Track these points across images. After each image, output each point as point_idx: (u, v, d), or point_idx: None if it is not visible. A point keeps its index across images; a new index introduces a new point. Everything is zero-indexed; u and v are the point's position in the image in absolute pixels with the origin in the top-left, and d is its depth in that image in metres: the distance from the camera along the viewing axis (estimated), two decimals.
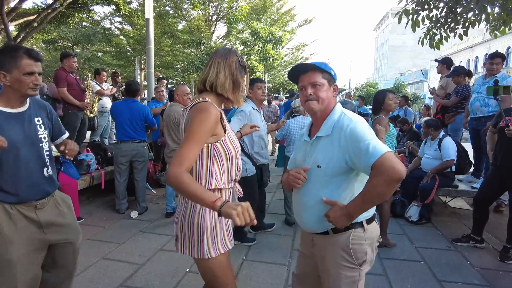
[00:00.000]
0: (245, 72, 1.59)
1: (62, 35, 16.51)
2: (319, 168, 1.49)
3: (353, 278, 1.49)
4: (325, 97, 1.52)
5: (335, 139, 1.46)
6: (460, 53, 34.22)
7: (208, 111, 1.41)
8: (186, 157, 1.35)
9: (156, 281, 2.72)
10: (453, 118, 4.88)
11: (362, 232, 1.49)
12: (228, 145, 1.52)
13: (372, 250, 1.53)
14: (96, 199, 4.78)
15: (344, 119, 1.48)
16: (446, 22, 5.44)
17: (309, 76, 1.53)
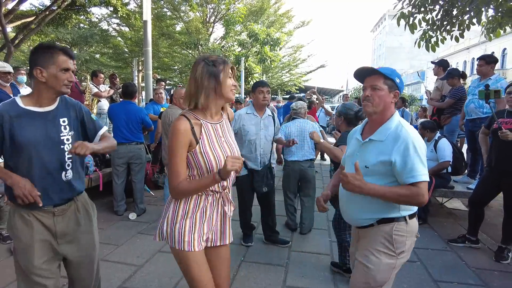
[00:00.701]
0: (222, 69, 1.54)
1: (60, 37, 16.49)
2: (366, 168, 1.61)
3: (391, 265, 1.63)
4: (381, 101, 1.62)
5: (388, 146, 1.58)
6: (457, 55, 34.44)
7: (175, 127, 1.50)
8: (176, 173, 1.51)
9: (154, 283, 2.73)
10: (448, 119, 4.93)
11: (405, 225, 1.63)
12: (198, 156, 1.53)
13: (411, 243, 1.66)
14: (94, 201, 4.74)
15: (402, 131, 1.58)
16: (442, 25, 5.49)
17: (372, 79, 1.64)
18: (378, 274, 1.63)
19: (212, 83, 1.52)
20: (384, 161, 1.57)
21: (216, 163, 1.55)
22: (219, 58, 1.57)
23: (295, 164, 3.85)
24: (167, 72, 23.59)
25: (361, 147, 1.70)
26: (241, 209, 3.51)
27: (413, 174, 1.50)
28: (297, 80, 26.96)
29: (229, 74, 1.57)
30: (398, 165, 1.53)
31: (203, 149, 1.53)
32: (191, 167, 1.56)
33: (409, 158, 1.51)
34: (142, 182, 4.45)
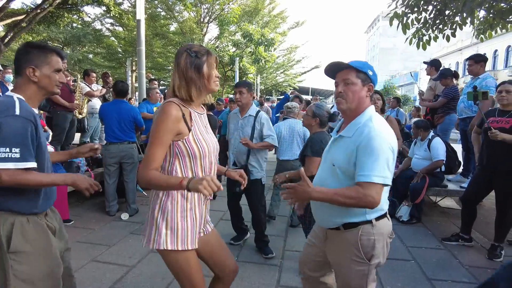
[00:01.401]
0: (205, 60, 1.51)
1: (52, 36, 16.30)
2: (333, 166, 1.54)
3: (362, 272, 1.55)
4: (355, 96, 1.53)
5: (353, 142, 1.48)
6: (449, 56, 34.85)
7: (167, 112, 1.44)
8: (152, 158, 1.44)
9: (147, 283, 2.69)
10: (442, 118, 4.95)
11: (371, 228, 1.53)
12: (192, 144, 1.50)
13: (383, 245, 1.57)
14: (85, 201, 4.71)
15: (367, 126, 1.48)
16: (435, 23, 5.53)
17: (343, 74, 1.56)
18: (352, 282, 1.57)
19: (196, 75, 1.50)
20: (348, 159, 1.48)
21: (208, 150, 1.55)
22: (202, 48, 1.53)
23: (286, 163, 3.93)
24: (161, 72, 23.47)
25: (332, 144, 1.62)
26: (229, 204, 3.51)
27: (365, 173, 1.39)
28: (291, 80, 27.03)
29: (213, 65, 1.55)
30: (356, 161, 1.45)
31: (195, 137, 1.51)
32: (182, 155, 1.51)
33: (366, 155, 1.41)
34: (134, 182, 4.39)
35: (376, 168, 1.39)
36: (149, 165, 1.43)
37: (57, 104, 4.68)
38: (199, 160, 1.53)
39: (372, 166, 1.39)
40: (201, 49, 1.53)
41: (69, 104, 4.73)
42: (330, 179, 1.57)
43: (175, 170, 1.52)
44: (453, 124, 4.90)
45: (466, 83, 4.68)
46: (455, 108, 4.73)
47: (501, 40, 24.74)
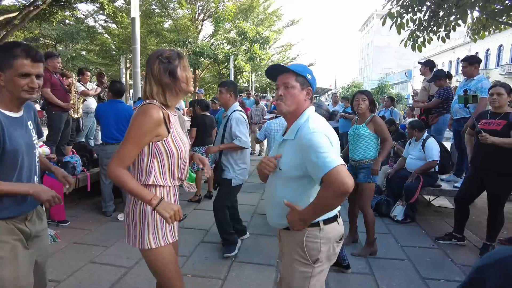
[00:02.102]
0: (178, 64, 1.56)
1: (44, 33, 16.12)
2: (280, 170, 1.57)
3: (305, 274, 1.55)
4: (294, 99, 1.57)
5: (296, 145, 1.51)
6: (442, 55, 35.16)
7: (148, 114, 1.48)
8: (125, 155, 1.48)
9: (145, 285, 2.70)
10: (436, 119, 5.01)
11: (317, 231, 1.53)
12: (171, 145, 1.56)
13: (329, 249, 1.56)
14: (82, 202, 4.70)
15: (305, 126, 1.51)
16: (429, 25, 5.59)
17: (284, 77, 1.59)
18: (293, 282, 1.58)
19: (170, 80, 1.55)
20: (293, 161, 1.51)
21: (184, 150, 1.63)
22: (173, 52, 1.58)
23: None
24: None
25: (278, 148, 1.65)
26: None
27: (319, 167, 1.38)
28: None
29: (186, 68, 1.60)
30: (307, 163, 1.45)
31: (174, 138, 1.58)
32: (160, 154, 1.55)
33: (312, 152, 1.42)
34: None
35: (329, 156, 1.39)
36: (122, 163, 1.47)
37: (52, 104, 4.64)
38: (177, 160, 1.60)
39: (322, 159, 1.38)
40: (172, 53, 1.58)
41: (64, 104, 4.70)
42: (277, 181, 1.60)
43: (154, 169, 1.57)
44: (447, 124, 4.97)
45: (460, 81, 4.73)
46: (449, 108, 4.80)
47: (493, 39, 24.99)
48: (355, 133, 3.30)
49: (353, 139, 3.33)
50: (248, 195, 5.34)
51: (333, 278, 2.86)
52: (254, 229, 3.96)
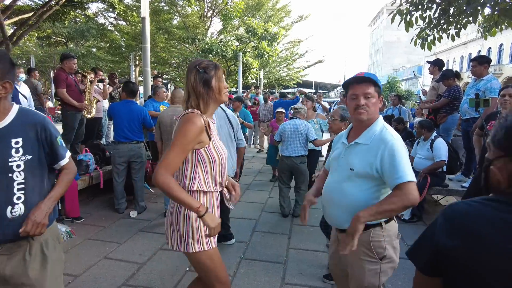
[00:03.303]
0: (213, 75, 1.64)
1: (56, 31, 16.36)
2: (351, 170, 1.66)
3: (375, 270, 1.66)
4: (375, 109, 1.68)
5: (373, 149, 1.61)
6: (454, 50, 34.47)
7: (192, 122, 1.54)
8: (172, 162, 1.52)
9: (157, 281, 2.81)
10: (444, 118, 5.00)
11: (380, 230, 1.65)
12: (212, 152, 1.64)
13: (392, 247, 1.68)
14: (95, 199, 4.84)
15: (387, 134, 1.62)
16: (439, 23, 5.55)
17: (363, 87, 1.66)
18: (364, 280, 1.67)
19: (206, 89, 1.63)
20: (369, 164, 1.60)
21: (225, 156, 1.72)
22: (210, 63, 1.66)
23: (288, 159, 4.31)
24: (164, 67, 23.51)
25: (347, 150, 1.73)
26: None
27: (400, 175, 1.52)
28: (294, 74, 26.96)
29: (221, 78, 1.67)
30: (385, 168, 1.56)
31: (215, 145, 1.66)
32: (203, 161, 1.62)
33: (395, 160, 1.54)
34: (143, 180, 4.51)
35: (406, 168, 1.54)
36: (169, 170, 1.50)
37: (67, 104, 4.77)
38: (218, 166, 1.68)
39: (403, 168, 1.53)
40: (209, 64, 1.65)
41: (79, 104, 4.83)
42: (349, 180, 1.68)
43: (198, 176, 1.64)
44: (455, 124, 4.96)
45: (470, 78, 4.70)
46: (458, 108, 4.79)
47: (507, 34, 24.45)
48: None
49: None
50: (257, 193, 5.42)
51: None
52: (263, 226, 4.03)
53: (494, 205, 0.85)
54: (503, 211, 0.82)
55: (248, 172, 6.82)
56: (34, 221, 1.37)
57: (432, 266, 0.92)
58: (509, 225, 0.80)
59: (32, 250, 1.46)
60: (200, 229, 1.64)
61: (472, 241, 0.83)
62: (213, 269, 1.71)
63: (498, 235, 0.80)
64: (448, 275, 0.90)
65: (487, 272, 0.81)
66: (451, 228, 0.89)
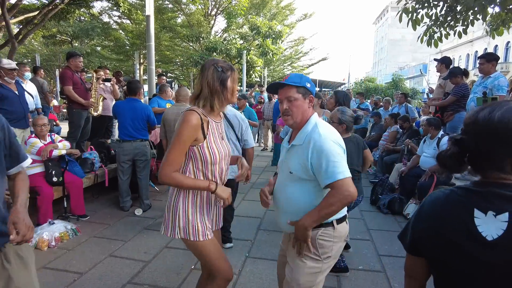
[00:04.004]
0: (229, 75, 1.68)
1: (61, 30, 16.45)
2: (291, 174, 1.65)
3: (315, 269, 1.65)
4: (299, 110, 1.65)
5: (305, 149, 1.60)
6: (460, 48, 34.13)
7: (188, 120, 1.61)
8: (175, 161, 1.63)
9: (163, 278, 2.81)
10: (451, 116, 4.95)
11: (332, 230, 1.64)
12: (205, 151, 1.68)
13: (339, 248, 1.68)
14: (100, 197, 4.85)
15: (315, 132, 1.60)
16: (446, 21, 5.48)
17: (285, 91, 1.67)
18: (302, 278, 1.64)
19: (220, 88, 1.66)
20: (303, 165, 1.59)
21: (219, 157, 1.72)
22: (227, 64, 1.71)
23: None
24: (168, 65, 23.54)
25: (287, 153, 1.73)
26: None
27: (328, 175, 1.51)
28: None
29: (236, 80, 1.72)
30: (315, 168, 1.55)
31: (209, 144, 1.68)
32: (195, 159, 1.69)
33: (322, 158, 1.52)
34: (147, 178, 4.51)
35: (338, 166, 1.51)
36: (171, 168, 1.61)
37: (73, 102, 4.79)
38: (210, 165, 1.71)
39: (332, 166, 1.50)
40: (226, 65, 1.70)
41: (85, 101, 4.85)
42: (289, 184, 1.68)
43: (188, 170, 1.71)
44: (462, 122, 4.90)
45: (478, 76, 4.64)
46: (465, 106, 4.73)
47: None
48: None
49: None
50: None
51: (344, 276, 2.91)
52: (268, 225, 4.02)
53: (460, 192, 0.96)
54: (463, 195, 0.94)
55: (253, 171, 6.78)
56: (26, 225, 1.28)
57: (413, 246, 1.05)
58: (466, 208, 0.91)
59: (9, 257, 1.38)
60: (187, 220, 1.70)
61: (435, 223, 0.96)
62: (210, 256, 1.77)
63: (456, 217, 0.92)
64: (425, 255, 1.03)
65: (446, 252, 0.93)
66: (420, 211, 1.03)
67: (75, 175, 4.02)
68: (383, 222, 4.20)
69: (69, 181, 3.90)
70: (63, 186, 3.89)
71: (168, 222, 1.75)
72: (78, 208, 4.01)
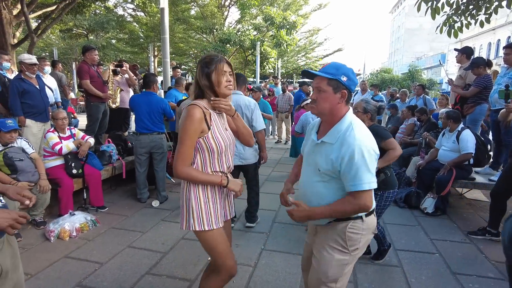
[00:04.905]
0: (213, 69, 1.71)
1: (77, 24, 16.68)
2: (319, 171, 1.63)
3: (342, 261, 1.65)
4: (325, 103, 1.58)
5: (337, 150, 1.55)
6: (481, 36, 32.87)
7: (192, 114, 1.66)
8: (186, 155, 1.69)
9: (180, 269, 2.86)
10: (472, 109, 4.81)
11: (360, 223, 1.63)
12: (211, 141, 1.72)
13: (367, 240, 1.69)
14: (118, 188, 4.96)
15: (350, 135, 1.52)
16: (468, 9, 5.28)
17: (317, 80, 1.61)
18: (330, 270, 1.65)
19: (208, 83, 1.73)
20: (331, 165, 1.55)
21: (224, 146, 1.77)
22: (214, 58, 1.74)
23: None
24: (182, 57, 23.60)
25: (315, 148, 1.68)
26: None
27: (355, 182, 1.48)
28: (313, 64, 26.52)
29: (222, 72, 1.72)
30: (342, 171, 1.52)
31: (214, 135, 1.73)
32: (201, 149, 1.73)
33: (353, 165, 1.47)
34: (164, 171, 4.58)
35: (363, 176, 1.47)
36: (184, 163, 1.69)
37: (91, 95, 4.87)
38: (216, 154, 1.76)
39: (361, 175, 1.47)
40: (213, 58, 1.73)
41: (103, 94, 4.93)
42: (317, 179, 1.66)
43: (196, 162, 1.76)
44: (483, 115, 4.76)
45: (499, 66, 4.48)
46: (487, 98, 4.58)
47: None
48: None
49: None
50: (276, 184, 5.41)
51: (361, 270, 2.90)
52: (283, 218, 4.03)
53: None
54: None
55: (267, 163, 6.76)
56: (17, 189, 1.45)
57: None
58: None
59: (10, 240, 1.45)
60: (201, 210, 1.75)
61: None
62: (217, 249, 1.81)
63: None
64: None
65: None
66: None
67: (94, 168, 4.11)
68: (399, 216, 4.15)
69: (88, 173, 3.99)
70: (83, 178, 3.99)
71: (183, 215, 1.81)
72: (97, 199, 4.11)
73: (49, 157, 3.85)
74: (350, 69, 1.59)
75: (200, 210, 1.76)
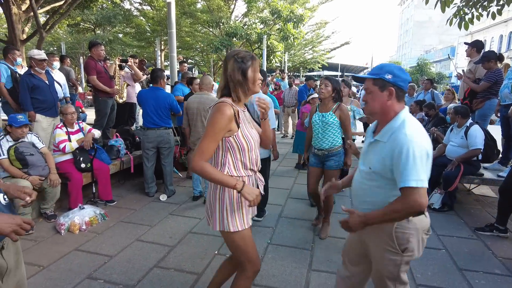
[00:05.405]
0: (250, 65, 1.70)
1: (84, 18, 16.73)
2: (370, 169, 1.65)
3: (396, 261, 1.65)
4: (375, 103, 1.63)
5: (388, 148, 1.55)
6: (492, 28, 32.15)
7: (222, 111, 1.64)
8: (206, 150, 1.65)
9: (187, 263, 2.91)
10: (481, 104, 4.75)
11: (406, 222, 1.60)
12: (241, 139, 1.72)
13: (418, 240, 1.63)
14: (126, 183, 5.03)
15: (401, 133, 1.52)
16: (479, 1, 5.18)
17: (365, 83, 1.68)
18: (384, 269, 1.68)
19: (242, 79, 1.70)
20: (383, 164, 1.56)
21: (254, 143, 1.78)
22: (247, 54, 1.73)
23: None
24: (189, 51, 23.58)
25: (369, 146, 1.71)
26: None
27: (402, 178, 1.47)
28: (320, 57, 26.30)
29: (257, 69, 1.73)
30: (394, 167, 1.52)
31: (243, 133, 1.73)
32: (232, 149, 1.72)
33: (401, 161, 1.47)
34: (171, 165, 4.62)
35: (411, 173, 1.45)
36: (202, 157, 1.65)
37: (98, 91, 4.92)
38: (247, 152, 1.76)
39: (408, 172, 1.45)
40: (247, 55, 1.71)
41: (110, 89, 4.97)
42: (368, 182, 1.67)
43: (228, 162, 1.75)
44: (493, 110, 4.69)
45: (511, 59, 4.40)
46: (497, 93, 4.52)
47: None
48: (322, 121, 3.29)
49: (320, 127, 3.32)
50: (282, 179, 5.43)
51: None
52: (289, 212, 4.06)
53: None
54: None
55: None
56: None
57: None
58: None
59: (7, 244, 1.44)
60: (234, 210, 1.75)
61: None
62: (244, 248, 1.82)
63: None
64: None
65: None
66: None
67: (102, 162, 4.17)
68: None
69: (96, 167, 4.05)
70: (92, 172, 4.05)
71: (215, 216, 1.79)
72: (105, 193, 4.17)
73: (58, 152, 3.92)
74: (395, 66, 1.64)
75: (233, 211, 1.76)
